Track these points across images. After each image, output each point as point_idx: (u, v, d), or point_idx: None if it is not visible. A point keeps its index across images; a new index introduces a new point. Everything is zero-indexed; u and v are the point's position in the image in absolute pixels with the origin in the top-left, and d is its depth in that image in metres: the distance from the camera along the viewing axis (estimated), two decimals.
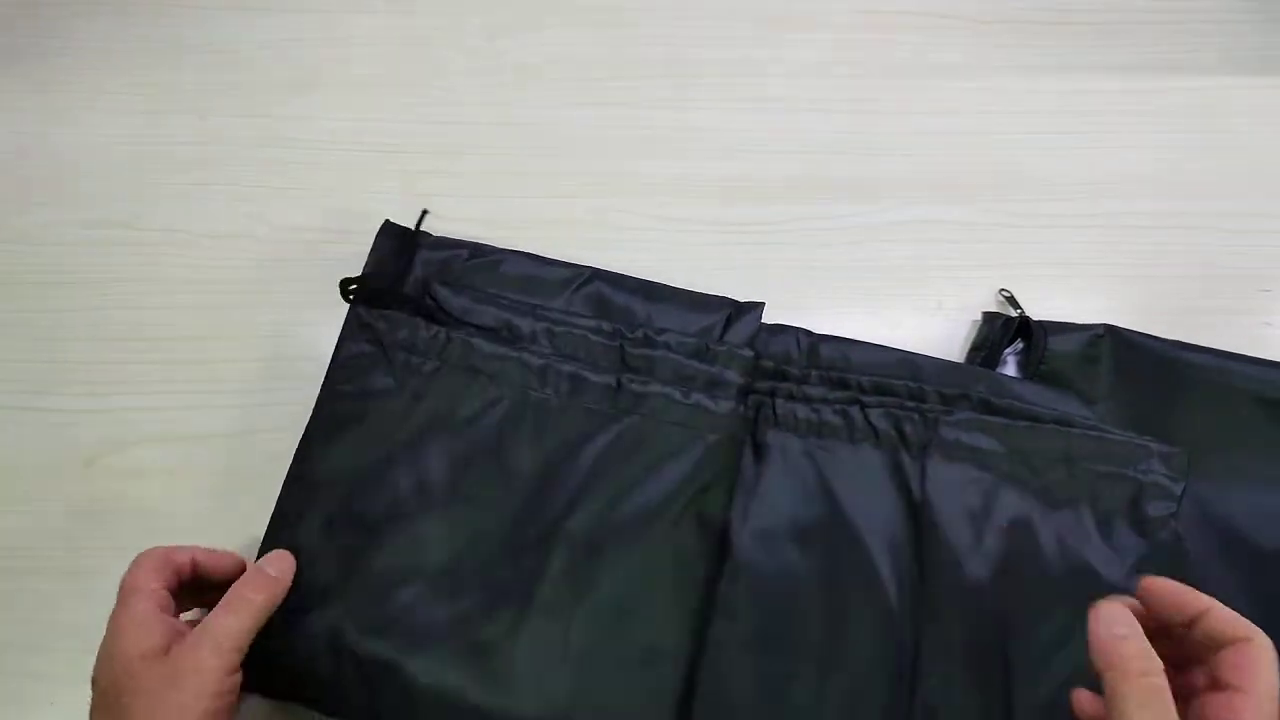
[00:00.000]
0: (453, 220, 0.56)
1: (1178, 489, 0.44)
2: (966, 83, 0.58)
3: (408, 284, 0.51)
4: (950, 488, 0.44)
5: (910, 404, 0.47)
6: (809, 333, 0.50)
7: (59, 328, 0.56)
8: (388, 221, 0.52)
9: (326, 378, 0.48)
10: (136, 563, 0.41)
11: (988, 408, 0.46)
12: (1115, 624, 0.33)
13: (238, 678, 0.39)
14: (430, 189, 0.57)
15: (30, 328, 0.56)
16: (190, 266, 0.56)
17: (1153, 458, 0.45)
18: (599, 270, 0.52)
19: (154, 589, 0.40)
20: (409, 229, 0.52)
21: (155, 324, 0.56)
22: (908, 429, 0.46)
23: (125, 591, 0.40)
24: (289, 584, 0.43)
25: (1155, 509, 0.44)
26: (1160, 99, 0.57)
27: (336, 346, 0.48)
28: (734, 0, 0.60)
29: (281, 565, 0.43)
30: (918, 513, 0.44)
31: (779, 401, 0.47)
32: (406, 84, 0.60)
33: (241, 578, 0.42)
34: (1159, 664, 0.31)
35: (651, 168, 0.57)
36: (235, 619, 0.39)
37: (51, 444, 0.54)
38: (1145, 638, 0.32)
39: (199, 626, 0.39)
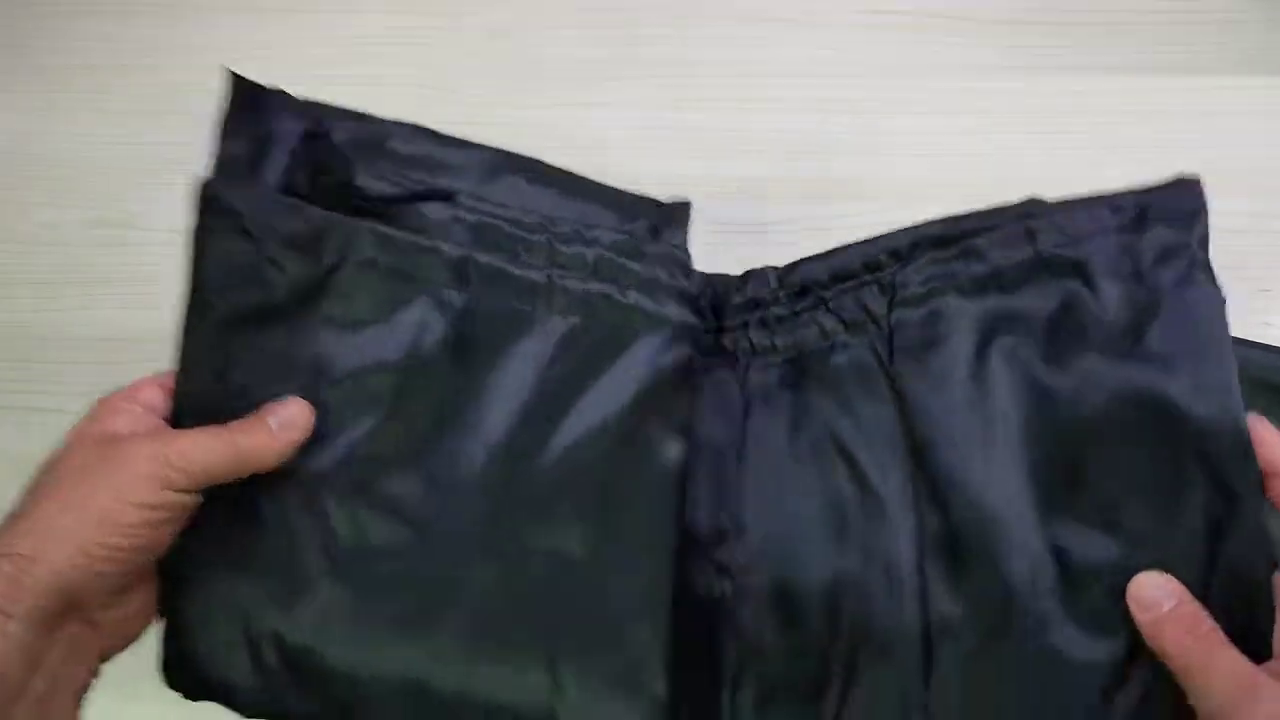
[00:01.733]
0: None
1: (1191, 233, 0.37)
2: (966, 83, 0.58)
3: (270, 164, 0.41)
4: (921, 340, 0.39)
5: (868, 277, 0.41)
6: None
7: (59, 328, 0.56)
8: (237, 77, 0.40)
9: (191, 292, 0.39)
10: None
11: (940, 243, 0.40)
12: (1154, 605, 0.32)
13: (177, 501, 0.33)
14: None
15: (30, 328, 0.56)
16: None
17: (1142, 201, 0.38)
18: (514, 154, 0.43)
19: (155, 388, 0.36)
20: (266, 87, 0.41)
21: (155, 324, 0.56)
22: (869, 302, 0.40)
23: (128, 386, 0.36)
24: (285, 450, 0.35)
25: (1157, 254, 0.36)
26: (1160, 99, 0.57)
27: (193, 247, 0.38)
28: (734, 0, 0.60)
29: (285, 419, 0.35)
30: (895, 384, 0.39)
31: (753, 332, 0.42)
32: (406, 84, 0.59)
33: (244, 419, 0.35)
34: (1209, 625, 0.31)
35: (651, 168, 0.57)
36: (199, 440, 0.33)
37: (52, 445, 0.54)
38: (1188, 601, 0.32)
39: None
